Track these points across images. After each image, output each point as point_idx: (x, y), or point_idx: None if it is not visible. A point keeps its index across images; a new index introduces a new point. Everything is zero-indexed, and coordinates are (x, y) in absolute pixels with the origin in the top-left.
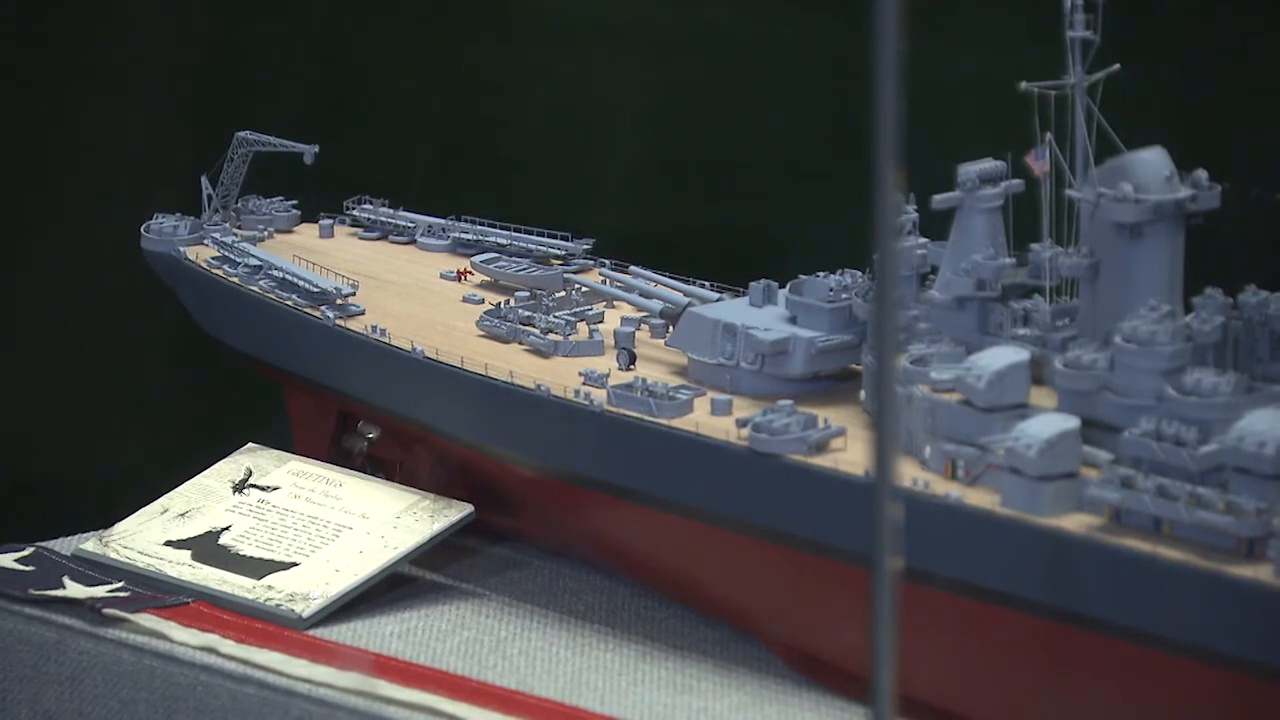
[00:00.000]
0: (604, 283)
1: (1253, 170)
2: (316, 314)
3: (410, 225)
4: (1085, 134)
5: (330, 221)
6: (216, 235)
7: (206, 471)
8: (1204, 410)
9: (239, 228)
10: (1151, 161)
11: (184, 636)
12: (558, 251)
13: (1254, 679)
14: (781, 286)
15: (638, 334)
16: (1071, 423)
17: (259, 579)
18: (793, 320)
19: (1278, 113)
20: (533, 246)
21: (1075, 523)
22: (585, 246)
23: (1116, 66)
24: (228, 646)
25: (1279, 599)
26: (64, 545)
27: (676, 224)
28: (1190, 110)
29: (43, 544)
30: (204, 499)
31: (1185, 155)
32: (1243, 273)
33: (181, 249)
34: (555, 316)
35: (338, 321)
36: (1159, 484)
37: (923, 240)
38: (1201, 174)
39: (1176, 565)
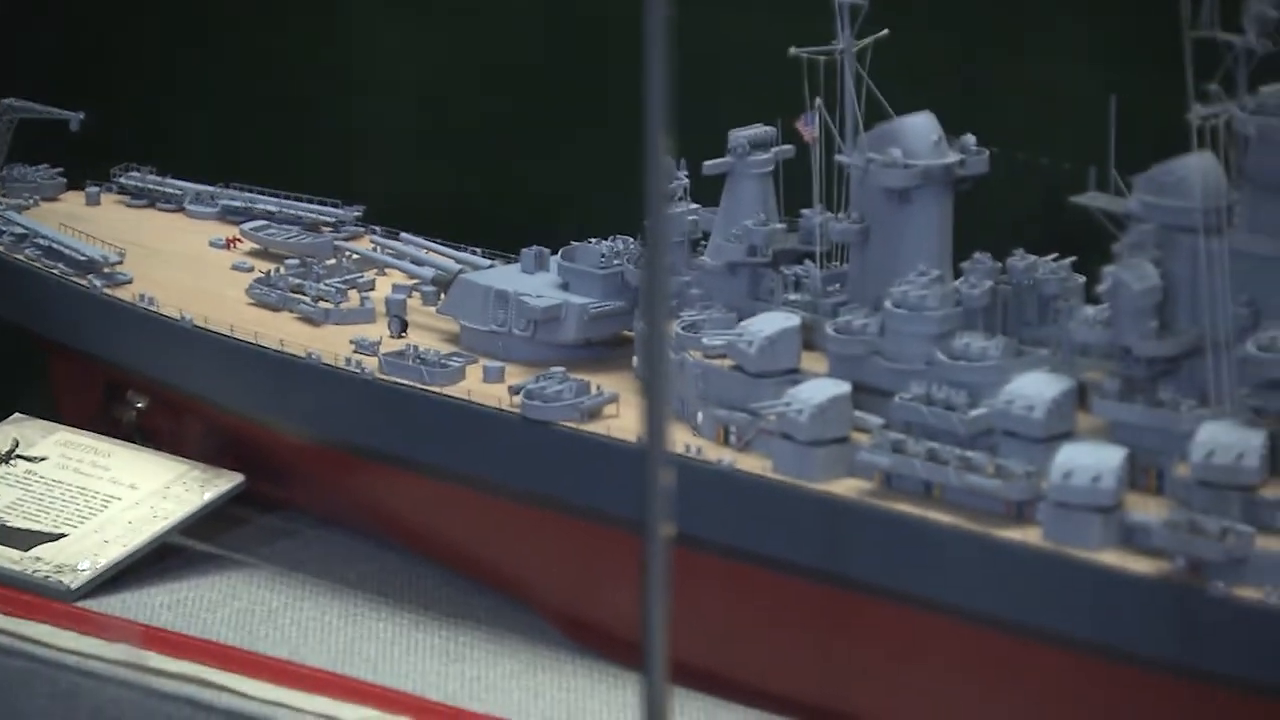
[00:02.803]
0: (375, 250)
1: (1019, 134)
2: (83, 282)
3: (178, 192)
4: (854, 99)
5: (97, 189)
6: None
7: None
8: (973, 374)
9: (4, 196)
10: (920, 126)
11: None
12: (328, 218)
13: (1022, 641)
14: (553, 253)
15: (409, 301)
16: (842, 388)
17: (26, 551)
18: (565, 287)
19: (1017, 76)
20: (302, 213)
21: (846, 487)
22: (356, 213)
23: (885, 32)
24: None
25: (1047, 561)
26: None
27: (448, 190)
28: (958, 75)
29: None
30: None
31: (953, 120)
32: (1010, 237)
33: None
34: (326, 284)
35: (105, 290)
36: (929, 448)
37: (694, 206)
38: (969, 139)
39: (947, 529)
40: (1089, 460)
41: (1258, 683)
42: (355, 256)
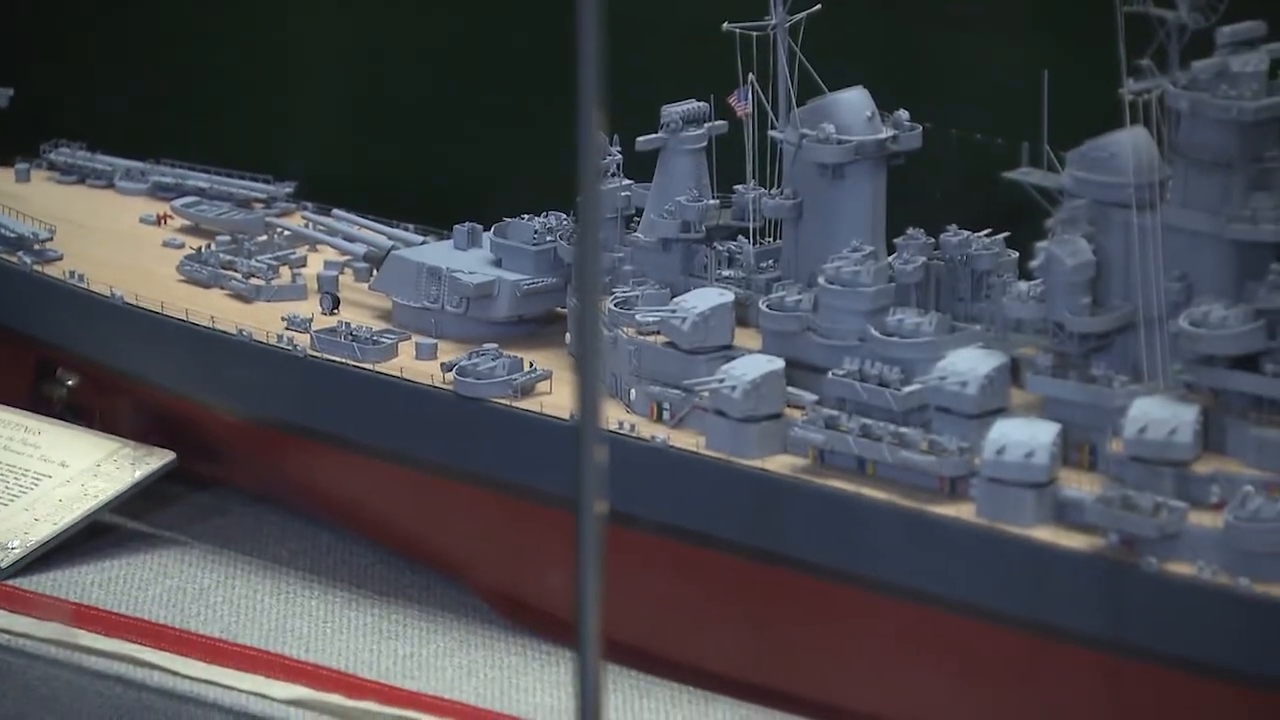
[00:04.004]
0: (307, 226)
1: (953, 110)
2: (13, 259)
3: (109, 169)
4: (787, 75)
5: (26, 166)
6: None
7: None
8: (906, 350)
9: None
10: (853, 102)
11: None
12: (259, 195)
13: (956, 617)
14: (486, 229)
15: (341, 278)
16: (776, 364)
17: None
18: (497, 263)
19: (950, 51)
20: (234, 190)
21: (780, 464)
22: (287, 190)
23: (818, 6)
24: None
25: (980, 537)
26: None
27: (380, 166)
28: (892, 51)
29: None
30: None
31: (886, 95)
32: (944, 213)
33: None
34: (257, 261)
35: (35, 267)
36: (863, 424)
37: (627, 182)
38: (903, 114)
39: (880, 505)
40: (1022, 436)
41: (1190, 659)
42: (287, 233)
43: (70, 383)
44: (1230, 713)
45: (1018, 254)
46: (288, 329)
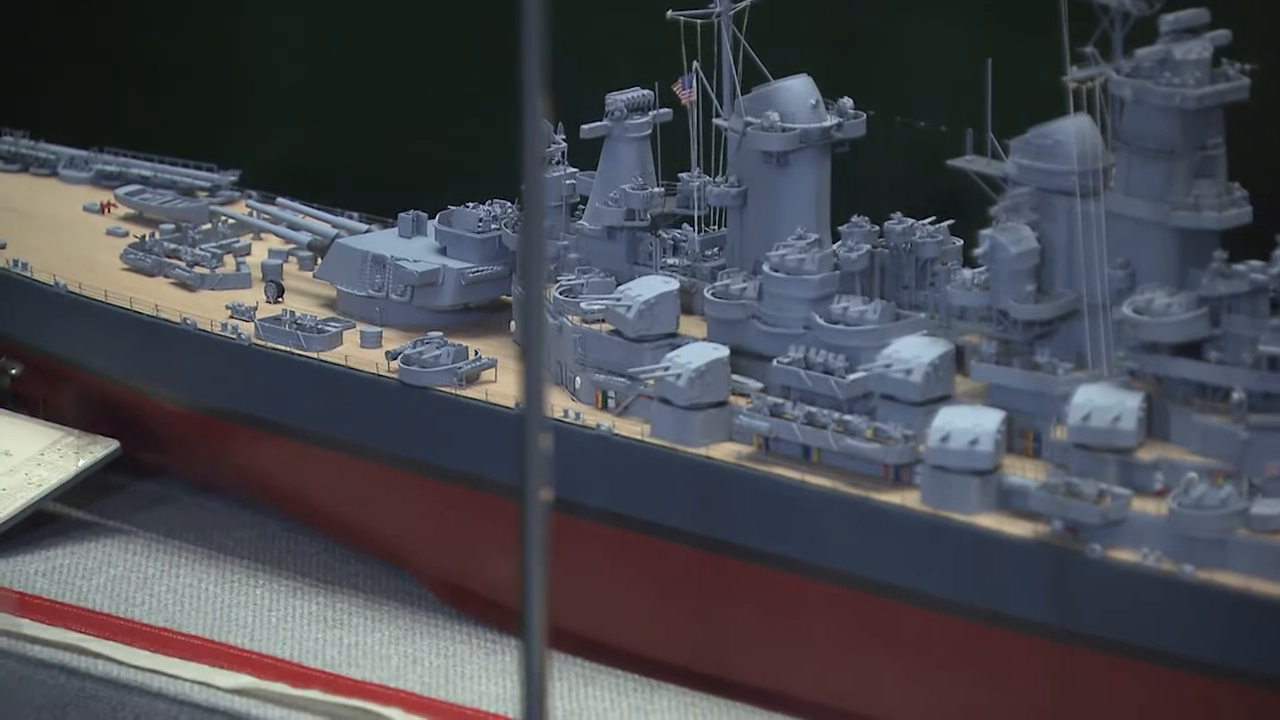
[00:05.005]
0: (251, 214)
1: (897, 98)
2: None
3: (52, 157)
4: (732, 63)
5: None
6: None
7: None
8: (851, 338)
9: None
10: (797, 90)
11: None
12: (203, 183)
13: (901, 604)
14: (431, 217)
15: (286, 266)
16: (721, 352)
17: None
18: (442, 251)
19: (894, 39)
20: (178, 178)
21: (725, 452)
22: (231, 178)
23: None
24: None
25: (925, 524)
26: None
27: (324, 154)
28: (836, 39)
29: None
30: None
31: (831, 83)
32: (888, 200)
33: None
34: (201, 249)
35: None
36: (808, 412)
37: (572, 170)
38: (847, 102)
39: (825, 493)
40: (966, 424)
41: (1134, 645)
42: (231, 221)
43: (13, 371)
44: (1175, 697)
45: (962, 242)
46: (232, 317)
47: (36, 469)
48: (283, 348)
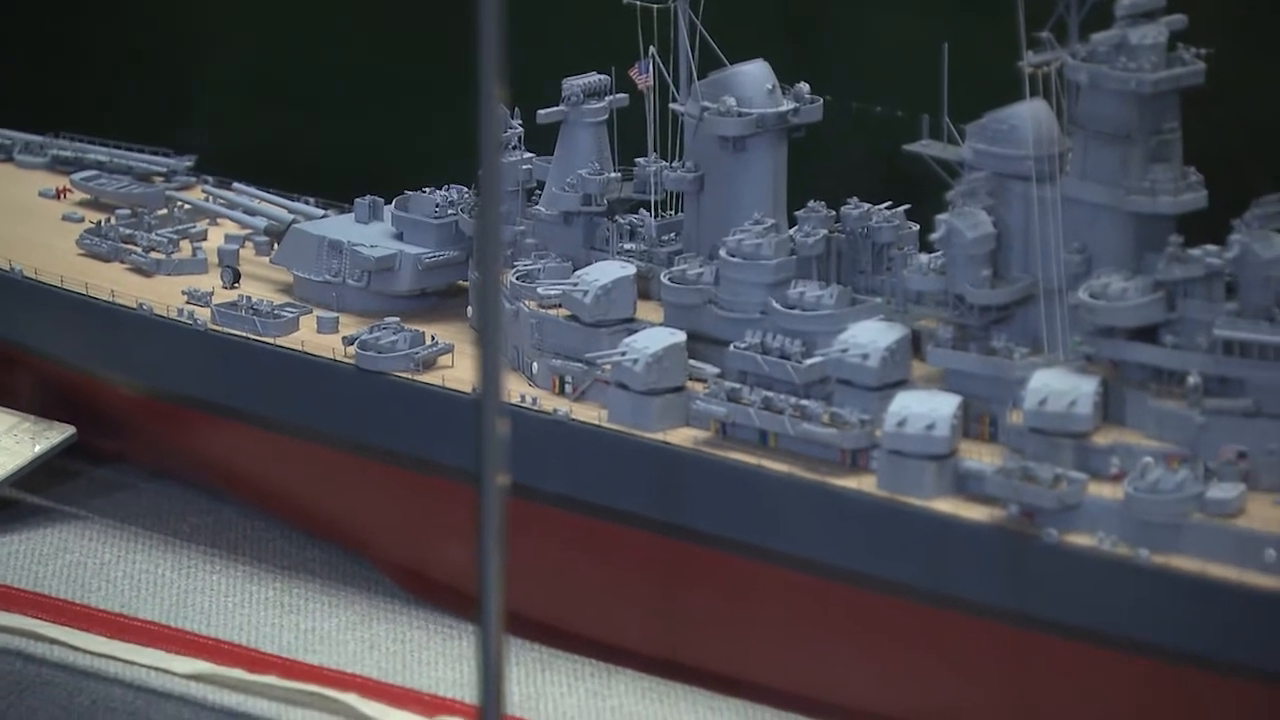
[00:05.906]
0: (207, 200)
1: (853, 82)
2: None
3: (7, 142)
4: (688, 47)
5: None
6: None
7: None
8: (808, 323)
9: None
10: (754, 74)
11: None
12: (159, 168)
13: (858, 589)
14: (387, 203)
15: (242, 252)
16: (678, 337)
17: None
18: (399, 236)
19: (850, 24)
20: (134, 163)
21: (682, 437)
22: (188, 163)
23: None
24: None
25: (881, 509)
26: None
27: (280, 139)
28: (792, 23)
29: None
30: None
31: (787, 68)
32: (845, 185)
33: None
34: (158, 234)
35: None
36: (765, 397)
37: (529, 155)
38: (803, 87)
39: (782, 478)
40: (923, 408)
41: (1089, 629)
42: (187, 206)
43: None
44: (1130, 681)
45: (918, 227)
46: (188, 303)
47: None
48: (239, 333)
